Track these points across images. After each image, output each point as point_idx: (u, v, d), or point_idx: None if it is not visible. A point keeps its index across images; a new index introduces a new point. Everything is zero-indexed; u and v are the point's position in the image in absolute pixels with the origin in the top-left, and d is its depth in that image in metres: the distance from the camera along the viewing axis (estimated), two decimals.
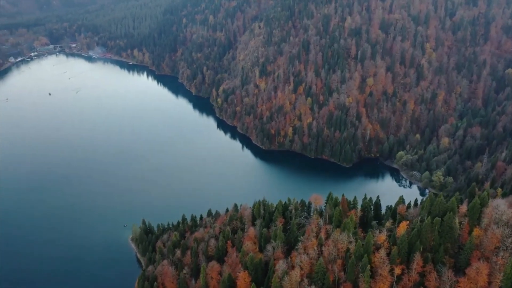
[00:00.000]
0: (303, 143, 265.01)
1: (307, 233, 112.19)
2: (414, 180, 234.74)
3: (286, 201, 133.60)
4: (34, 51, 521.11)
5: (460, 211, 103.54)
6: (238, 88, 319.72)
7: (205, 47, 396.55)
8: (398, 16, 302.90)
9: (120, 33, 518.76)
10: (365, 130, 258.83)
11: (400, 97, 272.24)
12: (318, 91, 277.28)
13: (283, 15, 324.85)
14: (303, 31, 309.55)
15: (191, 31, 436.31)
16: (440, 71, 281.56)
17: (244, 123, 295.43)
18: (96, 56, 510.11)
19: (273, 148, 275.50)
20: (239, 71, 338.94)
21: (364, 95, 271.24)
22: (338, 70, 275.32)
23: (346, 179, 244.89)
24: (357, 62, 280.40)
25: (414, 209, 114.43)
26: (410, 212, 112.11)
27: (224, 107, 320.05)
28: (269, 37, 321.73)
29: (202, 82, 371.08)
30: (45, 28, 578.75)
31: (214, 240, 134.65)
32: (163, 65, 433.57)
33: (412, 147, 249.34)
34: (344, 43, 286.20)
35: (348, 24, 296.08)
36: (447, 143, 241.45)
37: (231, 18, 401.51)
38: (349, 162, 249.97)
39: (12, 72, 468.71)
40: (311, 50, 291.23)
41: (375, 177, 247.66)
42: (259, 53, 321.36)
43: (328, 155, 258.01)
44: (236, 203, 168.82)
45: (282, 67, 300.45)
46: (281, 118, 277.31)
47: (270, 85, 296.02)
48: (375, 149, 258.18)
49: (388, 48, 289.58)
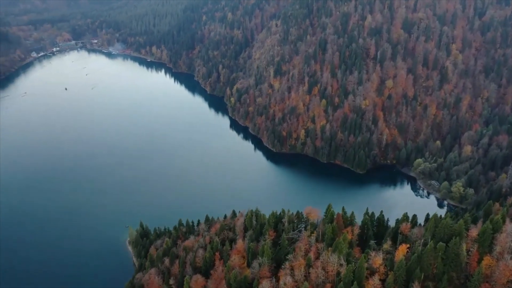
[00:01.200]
0: (316, 147, 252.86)
1: (296, 251, 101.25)
2: (432, 190, 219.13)
3: (281, 212, 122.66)
4: (56, 46, 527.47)
5: (470, 235, 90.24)
6: (252, 88, 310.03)
7: (222, 45, 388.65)
8: (423, 15, 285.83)
9: (140, 30, 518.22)
10: (382, 135, 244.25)
11: (421, 101, 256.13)
12: (334, 92, 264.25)
13: (300, 13, 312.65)
14: (320, 29, 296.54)
15: (209, 28, 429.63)
16: (466, 74, 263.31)
17: (256, 123, 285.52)
18: (116, 53, 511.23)
19: (284, 151, 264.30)
20: (254, 70, 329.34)
21: (382, 98, 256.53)
22: (355, 71, 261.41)
23: (358, 186, 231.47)
24: (376, 63, 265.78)
25: (419, 229, 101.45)
26: (414, 233, 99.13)
27: (236, 106, 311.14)
28: (286, 35, 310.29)
29: (217, 81, 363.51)
30: (69, 24, 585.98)
31: (202, 250, 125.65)
32: (180, 62, 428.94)
33: (431, 154, 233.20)
34: (362, 42, 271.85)
35: (368, 23, 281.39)
36: (470, 152, 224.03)
37: (249, 15, 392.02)
38: (363, 168, 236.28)
39: (33, 67, 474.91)
40: (328, 49, 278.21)
41: (390, 186, 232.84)
42: (275, 52, 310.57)
43: (341, 160, 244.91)
44: (234, 210, 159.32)
45: (297, 67, 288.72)
46: (294, 119, 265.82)
47: (284, 85, 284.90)
48: (392, 156, 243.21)
49: (410, 48, 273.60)
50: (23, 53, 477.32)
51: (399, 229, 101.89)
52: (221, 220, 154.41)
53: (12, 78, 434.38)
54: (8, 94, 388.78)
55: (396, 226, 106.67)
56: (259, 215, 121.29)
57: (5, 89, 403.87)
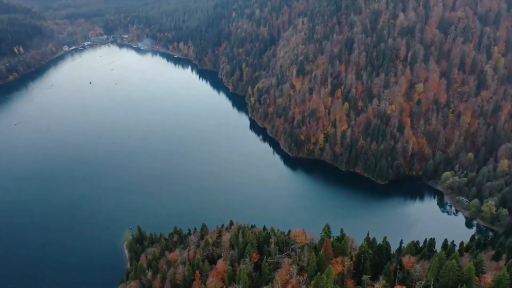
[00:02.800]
0: (335, 153, 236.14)
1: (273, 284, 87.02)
2: (460, 207, 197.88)
3: (269, 231, 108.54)
4: (88, 40, 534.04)
5: (483, 281, 73.08)
6: (273, 88, 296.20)
7: (247, 42, 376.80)
8: (462, 14, 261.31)
9: (170, 26, 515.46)
10: (407, 144, 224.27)
11: (454, 108, 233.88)
12: (358, 95, 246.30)
13: (328, 10, 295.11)
14: (348, 28, 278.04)
15: (237, 25, 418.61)
16: (507, 80, 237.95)
17: (274, 125, 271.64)
18: (145, 48, 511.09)
19: (301, 156, 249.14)
20: (277, 69, 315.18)
21: (410, 103, 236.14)
22: (382, 73, 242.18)
23: (378, 198, 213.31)
24: (405, 65, 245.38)
25: (423, 265, 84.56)
26: (417, 270, 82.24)
27: (256, 106, 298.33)
28: (311, 33, 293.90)
29: (240, 79, 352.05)
30: (103, 19, 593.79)
31: (183, 266, 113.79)
32: (205, 59, 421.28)
33: (462, 167, 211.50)
34: (392, 42, 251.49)
35: (400, 22, 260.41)
36: (507, 167, 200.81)
37: (277, 12, 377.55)
38: (385, 179, 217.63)
39: (64, 60, 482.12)
40: (355, 49, 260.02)
41: (413, 199, 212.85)
42: (299, 51, 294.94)
43: (361, 169, 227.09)
44: (232, 220, 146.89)
45: (321, 67, 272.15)
46: (313, 123, 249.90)
47: (306, 86, 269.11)
48: (417, 167, 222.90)
49: (445, 50, 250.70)
50: (55, 46, 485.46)
51: (401, 262, 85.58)
52: (216, 230, 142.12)
53: (42, 70, 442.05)
54: (36, 86, 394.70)
55: (398, 260, 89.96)
56: (245, 232, 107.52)
57: (34, 81, 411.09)
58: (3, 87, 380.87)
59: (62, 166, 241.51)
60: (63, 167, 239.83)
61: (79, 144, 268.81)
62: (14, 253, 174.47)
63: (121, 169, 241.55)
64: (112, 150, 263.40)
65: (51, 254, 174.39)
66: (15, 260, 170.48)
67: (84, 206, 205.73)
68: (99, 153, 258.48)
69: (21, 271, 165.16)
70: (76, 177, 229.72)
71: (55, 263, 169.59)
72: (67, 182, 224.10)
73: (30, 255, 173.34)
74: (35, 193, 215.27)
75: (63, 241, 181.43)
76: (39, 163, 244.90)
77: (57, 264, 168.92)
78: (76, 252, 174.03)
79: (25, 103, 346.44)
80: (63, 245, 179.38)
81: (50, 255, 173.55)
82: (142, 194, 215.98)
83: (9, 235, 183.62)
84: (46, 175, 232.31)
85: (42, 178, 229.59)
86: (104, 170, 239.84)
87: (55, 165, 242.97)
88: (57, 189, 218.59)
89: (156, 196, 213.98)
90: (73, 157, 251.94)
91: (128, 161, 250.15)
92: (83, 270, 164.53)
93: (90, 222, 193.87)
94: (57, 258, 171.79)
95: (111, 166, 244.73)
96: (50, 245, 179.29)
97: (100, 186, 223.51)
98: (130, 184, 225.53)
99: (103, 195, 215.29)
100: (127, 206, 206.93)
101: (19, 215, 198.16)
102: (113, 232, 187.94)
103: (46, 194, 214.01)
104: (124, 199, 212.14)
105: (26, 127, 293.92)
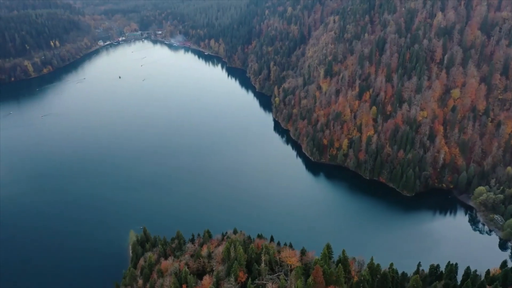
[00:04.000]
0: (358, 160, 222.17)
1: None
2: (494, 226, 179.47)
3: (263, 248, 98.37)
4: (122, 36, 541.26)
5: None
6: (299, 88, 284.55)
7: (277, 41, 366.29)
8: (507, 15, 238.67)
9: (203, 23, 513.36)
10: (438, 153, 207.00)
11: (494, 117, 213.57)
12: (387, 99, 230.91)
13: (360, 8, 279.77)
14: (381, 27, 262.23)
15: (268, 23, 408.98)
16: None
17: (297, 128, 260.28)
18: (177, 44, 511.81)
19: (323, 161, 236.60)
20: (305, 69, 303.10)
21: (444, 110, 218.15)
22: (415, 77, 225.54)
23: (402, 211, 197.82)
24: (441, 69, 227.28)
25: None
26: None
27: (280, 107, 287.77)
28: (341, 32, 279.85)
29: (267, 78, 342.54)
30: (139, 15, 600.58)
31: (171, 278, 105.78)
32: (235, 57, 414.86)
33: (498, 182, 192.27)
34: (428, 44, 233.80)
35: (438, 22, 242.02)
36: None
37: (309, 10, 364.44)
38: (411, 190, 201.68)
39: (98, 55, 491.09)
40: (386, 50, 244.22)
41: (441, 215, 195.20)
42: (328, 51, 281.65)
43: (386, 178, 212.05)
44: (236, 228, 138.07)
45: (350, 68, 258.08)
46: (338, 127, 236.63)
47: (332, 88, 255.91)
48: (448, 179, 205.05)
49: (487, 53, 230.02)
50: (90, 41, 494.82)
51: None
52: (218, 238, 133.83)
53: (76, 64, 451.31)
54: (69, 79, 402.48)
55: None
56: (237, 248, 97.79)
57: (68, 74, 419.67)
58: (37, 79, 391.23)
59: (77, 161, 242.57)
60: (77, 163, 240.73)
61: (97, 139, 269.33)
62: (16, 252, 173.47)
63: (139, 166, 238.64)
64: (130, 146, 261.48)
65: (55, 251, 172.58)
66: (19, 257, 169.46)
67: (97, 202, 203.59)
68: (117, 149, 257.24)
69: (31, 265, 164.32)
70: (92, 173, 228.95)
71: (60, 261, 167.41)
72: (82, 178, 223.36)
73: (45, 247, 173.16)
74: (51, 187, 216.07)
75: (73, 238, 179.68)
76: (54, 157, 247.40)
77: (62, 262, 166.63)
78: (81, 251, 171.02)
79: (55, 96, 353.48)
80: (72, 242, 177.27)
81: (56, 253, 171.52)
82: (157, 193, 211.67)
83: (11, 234, 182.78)
84: (61, 169, 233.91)
85: (55, 171, 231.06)
86: (122, 166, 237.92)
87: (70, 159, 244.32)
88: (70, 184, 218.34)
89: (171, 196, 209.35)
90: (89, 152, 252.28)
91: (147, 158, 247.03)
92: (83, 270, 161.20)
93: (100, 219, 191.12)
94: (64, 256, 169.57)
95: (129, 162, 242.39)
96: (57, 242, 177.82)
97: (116, 182, 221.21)
98: (146, 182, 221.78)
99: (118, 192, 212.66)
100: (140, 204, 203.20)
101: (36, 207, 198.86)
102: (122, 231, 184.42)
103: (60, 189, 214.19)
104: (139, 197, 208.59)
105: (51, 119, 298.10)
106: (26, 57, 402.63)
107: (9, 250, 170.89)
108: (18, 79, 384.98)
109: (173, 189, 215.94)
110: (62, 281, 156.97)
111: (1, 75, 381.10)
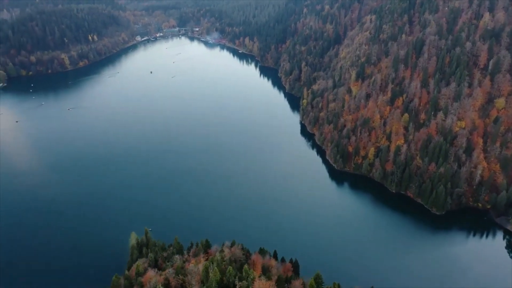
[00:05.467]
0: (385, 171, 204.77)
1: None
2: None
3: (244, 271, 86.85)
4: (160, 32, 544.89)
5: None
6: (328, 91, 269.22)
7: (311, 40, 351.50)
8: None
9: (239, 20, 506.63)
10: (475, 169, 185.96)
11: None
12: (421, 106, 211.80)
13: (399, 7, 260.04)
14: (420, 27, 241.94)
15: (304, 22, 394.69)
16: None
17: (323, 133, 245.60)
18: (212, 42, 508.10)
19: (347, 170, 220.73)
20: (337, 70, 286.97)
21: (485, 121, 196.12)
22: (454, 83, 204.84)
23: (430, 231, 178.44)
24: (485, 75, 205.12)
25: None
26: None
27: (307, 110, 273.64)
28: (377, 33, 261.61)
29: (297, 79, 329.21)
30: (178, 11, 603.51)
31: None
32: (268, 56, 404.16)
33: None
34: (471, 47, 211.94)
35: (484, 23, 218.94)
36: None
37: (346, 9, 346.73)
38: (441, 208, 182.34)
39: (135, 50, 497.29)
40: (424, 52, 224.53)
41: (474, 237, 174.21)
42: (361, 52, 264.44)
43: (413, 193, 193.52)
44: (234, 241, 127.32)
45: (383, 71, 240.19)
46: (365, 134, 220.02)
47: (363, 91, 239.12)
48: (485, 198, 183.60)
49: None
50: (128, 36, 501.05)
51: None
52: (218, 248, 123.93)
53: (112, 58, 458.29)
54: (103, 73, 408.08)
55: None
56: (219, 267, 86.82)
57: (103, 68, 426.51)
58: (73, 72, 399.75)
59: (95, 154, 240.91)
60: (96, 156, 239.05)
61: (119, 135, 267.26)
62: (18, 249, 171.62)
63: (157, 164, 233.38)
64: (152, 143, 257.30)
65: (58, 249, 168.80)
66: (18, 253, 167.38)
67: (108, 200, 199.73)
68: (135, 145, 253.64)
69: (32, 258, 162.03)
70: (109, 169, 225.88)
71: (61, 259, 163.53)
72: (100, 173, 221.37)
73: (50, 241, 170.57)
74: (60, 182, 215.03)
75: (77, 235, 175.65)
76: (66, 150, 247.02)
77: (62, 260, 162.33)
78: (82, 251, 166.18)
79: (86, 89, 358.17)
80: (75, 240, 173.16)
81: (57, 251, 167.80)
82: (172, 193, 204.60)
83: (13, 230, 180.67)
84: (73, 164, 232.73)
85: (67, 166, 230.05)
86: (140, 163, 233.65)
87: (85, 153, 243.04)
88: (88, 178, 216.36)
89: (186, 197, 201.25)
90: (108, 148, 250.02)
91: (166, 156, 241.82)
92: (83, 270, 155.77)
93: (109, 218, 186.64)
94: (64, 255, 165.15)
95: (148, 159, 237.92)
96: (59, 239, 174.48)
97: (133, 179, 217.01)
98: (162, 181, 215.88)
99: (131, 190, 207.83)
100: (153, 203, 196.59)
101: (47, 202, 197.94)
102: (129, 231, 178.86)
103: (70, 184, 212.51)
104: (152, 196, 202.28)
105: (76, 113, 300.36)
106: (64, 50, 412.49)
107: (9, 248, 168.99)
108: (54, 72, 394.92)
109: (189, 190, 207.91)
110: (64, 279, 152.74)
111: (39, 67, 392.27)
